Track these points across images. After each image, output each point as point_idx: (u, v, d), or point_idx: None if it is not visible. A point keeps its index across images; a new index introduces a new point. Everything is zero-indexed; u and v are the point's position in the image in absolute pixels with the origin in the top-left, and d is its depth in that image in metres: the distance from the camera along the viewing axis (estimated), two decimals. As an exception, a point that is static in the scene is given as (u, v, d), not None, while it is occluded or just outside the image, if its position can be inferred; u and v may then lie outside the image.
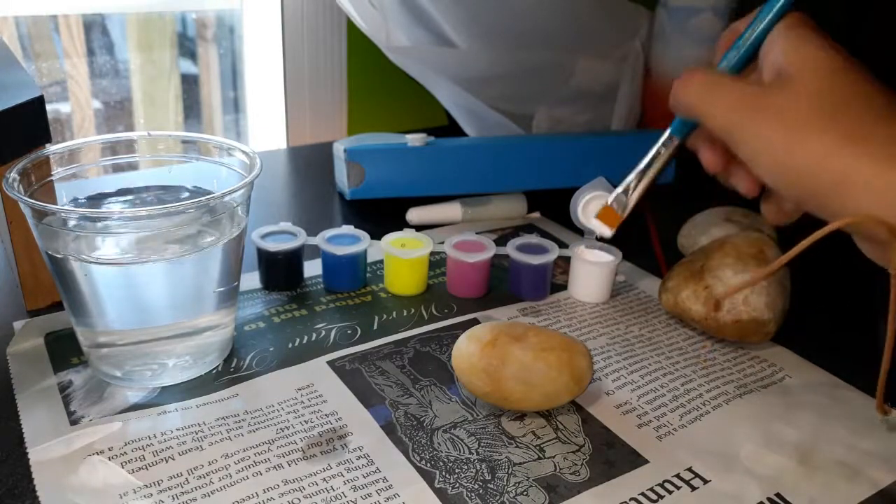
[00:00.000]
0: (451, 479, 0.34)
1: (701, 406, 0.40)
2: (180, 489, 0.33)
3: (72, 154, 0.41)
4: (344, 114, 0.88)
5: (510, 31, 0.69)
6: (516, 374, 0.36)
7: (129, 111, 1.02)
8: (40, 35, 0.94)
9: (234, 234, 0.39)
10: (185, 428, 0.36)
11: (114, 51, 0.99)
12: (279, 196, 0.69)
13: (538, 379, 0.36)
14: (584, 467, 0.35)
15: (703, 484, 0.35)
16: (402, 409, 0.39)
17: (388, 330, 0.46)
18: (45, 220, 0.36)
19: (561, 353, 0.37)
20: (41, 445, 0.35)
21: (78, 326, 0.39)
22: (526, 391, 0.36)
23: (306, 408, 0.38)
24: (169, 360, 0.39)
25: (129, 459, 0.34)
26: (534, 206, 0.65)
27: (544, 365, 0.36)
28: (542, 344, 0.37)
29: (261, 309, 0.47)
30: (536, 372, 0.36)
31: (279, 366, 0.42)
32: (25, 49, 0.93)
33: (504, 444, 0.36)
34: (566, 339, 0.38)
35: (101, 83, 1.00)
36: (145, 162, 0.44)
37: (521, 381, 0.36)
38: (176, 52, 1.01)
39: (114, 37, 1.01)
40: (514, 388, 0.36)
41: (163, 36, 1.00)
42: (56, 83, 0.96)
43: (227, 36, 0.96)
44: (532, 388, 0.36)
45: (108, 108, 1.02)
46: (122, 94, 1.01)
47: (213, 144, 0.43)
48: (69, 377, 0.40)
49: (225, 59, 0.98)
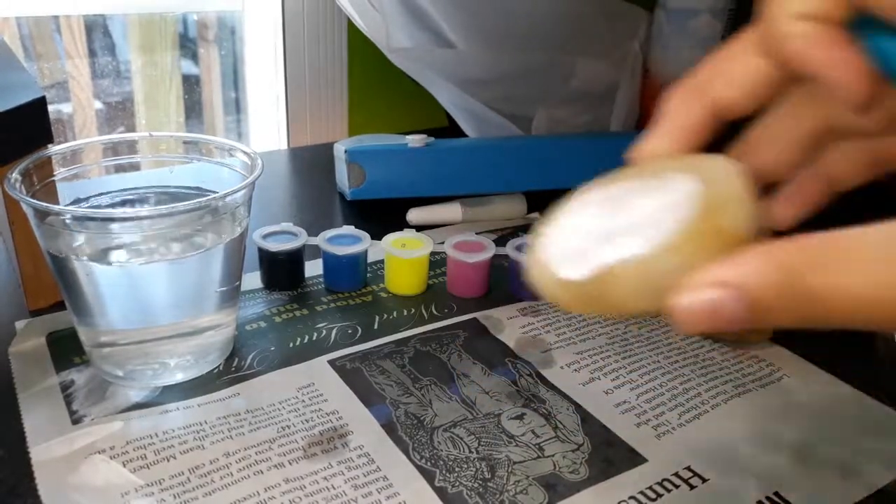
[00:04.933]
0: (451, 478, 0.34)
1: (700, 405, 0.40)
2: (182, 488, 0.33)
3: (73, 154, 0.42)
4: (344, 115, 0.88)
5: (510, 32, 0.69)
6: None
7: (131, 112, 1.02)
8: (42, 36, 0.95)
9: (236, 234, 0.39)
10: (186, 427, 0.37)
11: (115, 51, 1.00)
12: (280, 196, 0.69)
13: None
14: (583, 466, 0.35)
15: (702, 483, 0.35)
16: (403, 408, 0.39)
17: (389, 329, 0.46)
18: (47, 220, 0.36)
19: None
20: (43, 444, 0.35)
21: (80, 326, 0.39)
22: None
23: (307, 407, 0.39)
24: (170, 359, 0.40)
25: (130, 458, 0.34)
26: (534, 207, 0.65)
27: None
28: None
29: (262, 308, 0.48)
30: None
31: (280, 365, 0.42)
32: (27, 50, 0.93)
33: (504, 443, 0.37)
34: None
35: (103, 84, 1.00)
36: (147, 162, 0.45)
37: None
38: (177, 53, 1.01)
39: (115, 38, 1.01)
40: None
41: (164, 37, 1.00)
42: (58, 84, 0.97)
43: (228, 37, 0.97)
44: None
45: (110, 109, 1.02)
46: (124, 95, 1.02)
47: (215, 145, 0.44)
48: (71, 376, 0.40)
49: (226, 60, 0.99)
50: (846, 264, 0.17)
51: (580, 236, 0.20)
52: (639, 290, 0.19)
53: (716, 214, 0.19)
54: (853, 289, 0.16)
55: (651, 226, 0.19)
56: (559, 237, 0.21)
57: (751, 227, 0.19)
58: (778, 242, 0.18)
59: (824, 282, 0.17)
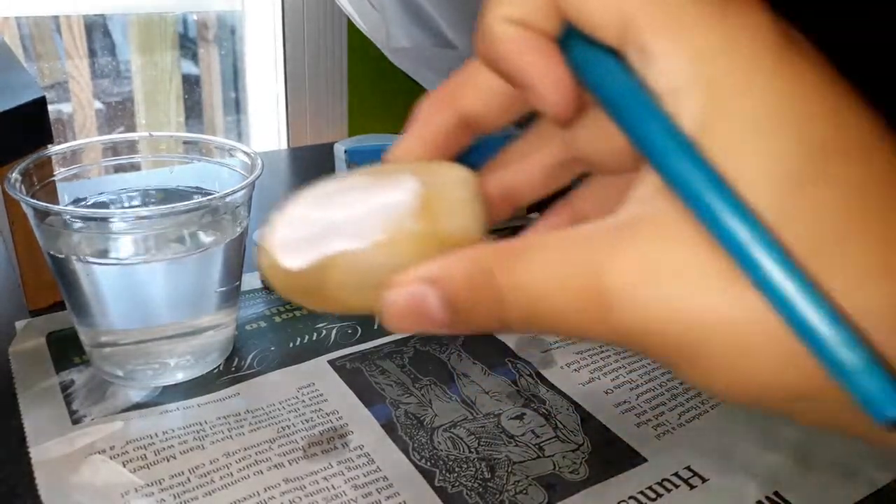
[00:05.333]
0: (450, 478, 0.34)
1: (700, 405, 0.40)
2: (182, 488, 0.33)
3: (73, 154, 0.42)
4: (344, 114, 0.88)
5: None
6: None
7: (131, 112, 1.02)
8: (42, 36, 0.95)
9: (236, 234, 0.39)
10: (186, 427, 0.37)
11: (115, 51, 1.00)
12: (280, 196, 0.69)
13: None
14: (583, 466, 0.35)
15: (702, 482, 0.35)
16: (403, 408, 0.39)
17: (389, 329, 0.46)
18: (47, 220, 0.36)
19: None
20: (43, 444, 0.35)
21: (80, 326, 0.39)
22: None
23: (307, 407, 0.39)
24: (170, 359, 0.40)
25: (130, 458, 0.34)
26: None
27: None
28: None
29: (262, 308, 0.48)
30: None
31: (280, 365, 0.42)
32: (27, 50, 0.93)
33: (504, 443, 0.37)
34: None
35: (103, 84, 1.00)
36: (147, 163, 0.45)
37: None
38: (177, 53, 1.01)
39: (115, 38, 1.01)
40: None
41: (164, 37, 1.00)
42: (58, 84, 0.97)
43: (228, 37, 0.97)
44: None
45: (110, 109, 1.02)
46: (124, 95, 1.02)
47: (215, 145, 0.44)
48: (71, 376, 0.40)
49: (226, 59, 0.99)
50: (528, 263, 0.17)
51: (306, 227, 0.21)
52: (354, 284, 0.20)
53: (433, 216, 0.20)
54: (531, 283, 0.17)
55: (372, 222, 0.20)
56: (287, 227, 0.21)
57: (471, 232, 0.20)
58: (483, 245, 0.18)
59: (508, 279, 0.17)
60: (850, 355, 0.13)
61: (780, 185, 0.14)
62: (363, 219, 0.20)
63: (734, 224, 0.14)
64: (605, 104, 0.17)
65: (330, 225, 0.20)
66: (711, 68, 0.15)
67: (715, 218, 0.14)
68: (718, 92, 0.15)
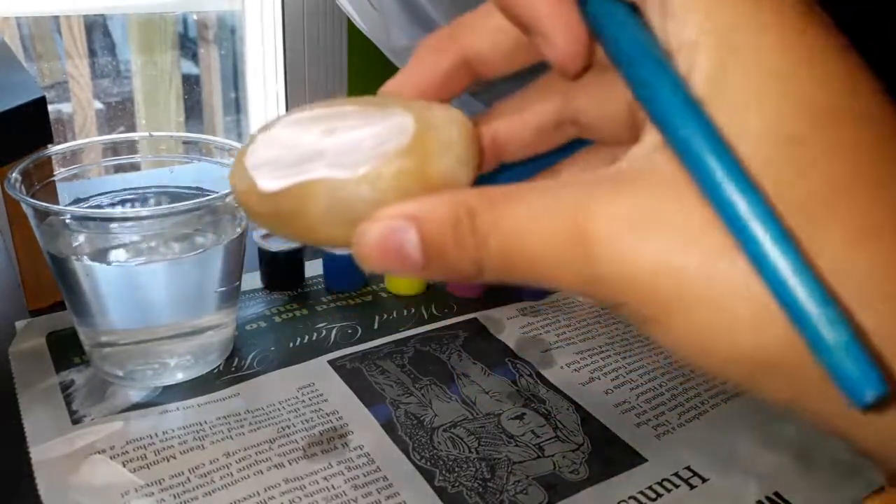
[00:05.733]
0: (450, 478, 0.34)
1: (700, 405, 0.40)
2: (182, 488, 0.33)
3: (73, 155, 0.42)
4: (344, 114, 0.88)
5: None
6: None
7: (131, 112, 1.02)
8: (42, 36, 0.95)
9: (236, 234, 0.39)
10: (186, 427, 0.37)
11: (115, 51, 1.00)
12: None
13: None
14: (583, 466, 0.35)
15: (702, 482, 0.35)
16: (403, 408, 0.39)
17: (389, 329, 0.46)
18: (47, 220, 0.36)
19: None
20: (43, 444, 0.35)
21: (80, 326, 0.39)
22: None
23: (307, 407, 0.39)
24: (170, 359, 0.40)
25: (130, 458, 0.34)
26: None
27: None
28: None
29: (262, 308, 0.48)
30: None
31: (280, 365, 0.42)
32: (27, 49, 0.93)
33: (504, 443, 0.37)
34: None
35: (103, 84, 1.00)
36: (147, 162, 0.45)
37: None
38: (177, 53, 1.01)
39: (115, 38, 1.01)
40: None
41: (164, 37, 1.00)
42: (58, 84, 0.97)
43: (228, 37, 0.97)
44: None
45: (110, 109, 1.02)
46: (124, 95, 1.02)
47: (215, 145, 0.44)
48: (71, 376, 0.40)
49: (226, 59, 0.99)
50: (514, 205, 0.16)
51: (289, 149, 0.19)
52: (331, 213, 0.18)
53: (422, 154, 0.19)
54: (514, 226, 0.16)
55: (358, 153, 0.19)
56: (268, 146, 0.20)
57: (459, 176, 0.19)
58: (468, 188, 0.17)
59: (491, 219, 0.16)
60: (832, 332, 0.13)
61: (780, 146, 0.14)
62: (349, 148, 0.19)
63: (730, 190, 0.14)
64: (615, 58, 0.17)
65: (314, 151, 0.19)
66: (728, 22, 0.15)
67: (711, 182, 0.14)
68: (732, 47, 0.15)
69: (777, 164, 0.14)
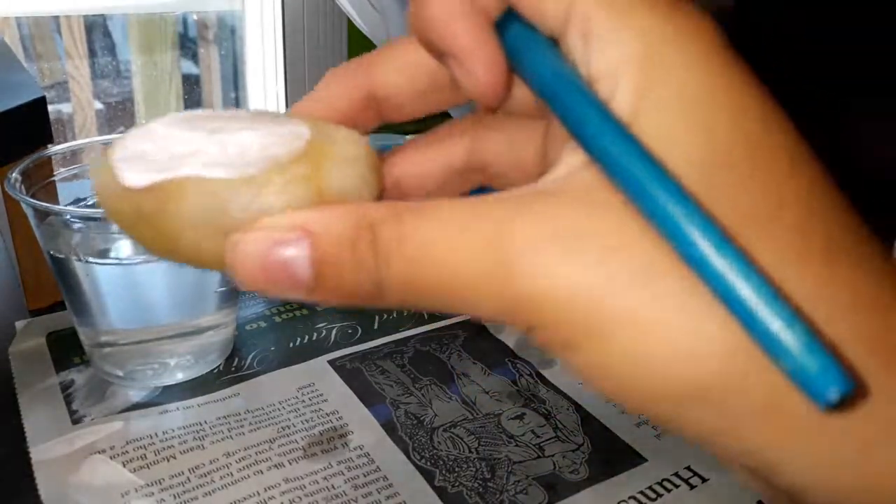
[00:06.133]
0: (450, 478, 0.34)
1: (700, 405, 0.40)
2: (182, 488, 0.33)
3: (73, 154, 0.42)
4: (344, 114, 0.88)
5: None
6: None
7: (131, 112, 1.02)
8: (42, 36, 0.95)
9: (235, 234, 0.39)
10: (186, 427, 0.37)
11: (115, 52, 1.00)
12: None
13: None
14: (583, 466, 0.35)
15: (702, 482, 0.35)
16: (403, 408, 0.39)
17: (389, 329, 0.46)
18: (46, 220, 0.36)
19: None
20: (43, 444, 0.35)
21: (80, 326, 0.39)
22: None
23: (307, 407, 0.39)
24: (170, 359, 0.40)
25: (130, 458, 0.34)
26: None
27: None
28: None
29: (262, 308, 0.48)
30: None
31: (280, 365, 0.42)
32: (27, 50, 0.93)
33: (504, 443, 0.37)
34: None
35: (103, 84, 1.00)
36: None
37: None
38: (177, 53, 1.01)
39: (115, 38, 1.01)
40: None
41: (164, 37, 1.00)
42: (58, 84, 0.97)
43: (228, 37, 0.97)
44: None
45: (110, 109, 1.02)
46: (124, 95, 1.02)
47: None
48: (71, 376, 0.40)
49: (226, 59, 0.99)
50: (421, 220, 0.15)
51: (165, 146, 0.17)
52: (202, 217, 0.16)
53: (316, 164, 0.17)
54: (421, 242, 0.15)
55: (244, 156, 0.16)
56: (140, 141, 0.17)
57: (362, 194, 0.17)
58: (369, 202, 0.16)
59: (395, 235, 0.14)
60: (790, 332, 0.13)
61: (709, 169, 0.14)
62: (235, 150, 0.16)
63: (665, 198, 0.14)
64: (536, 84, 0.17)
65: (193, 149, 0.17)
66: (651, 48, 0.15)
67: (645, 192, 0.14)
68: (655, 73, 0.15)
69: (707, 186, 0.14)
